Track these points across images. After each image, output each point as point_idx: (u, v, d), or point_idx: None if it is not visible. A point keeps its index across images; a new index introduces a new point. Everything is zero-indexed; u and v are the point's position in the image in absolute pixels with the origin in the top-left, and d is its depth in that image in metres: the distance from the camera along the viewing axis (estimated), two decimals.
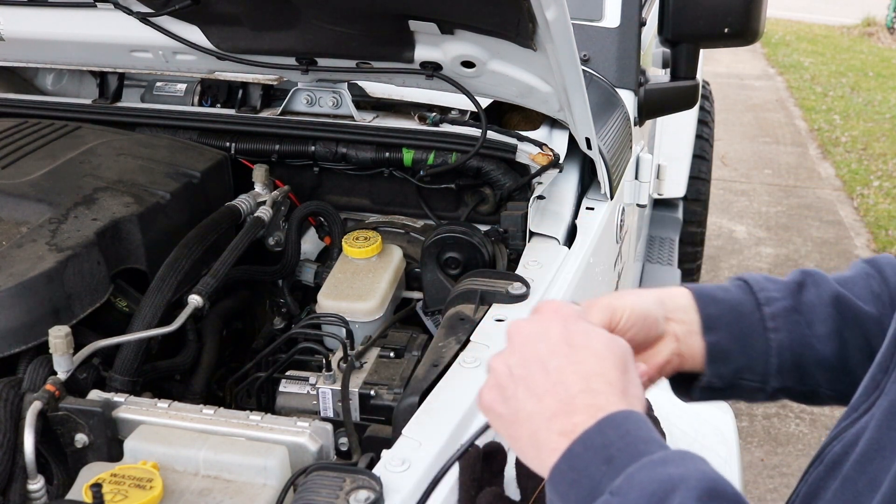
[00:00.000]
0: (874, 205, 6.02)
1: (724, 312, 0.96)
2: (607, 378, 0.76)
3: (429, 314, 1.65)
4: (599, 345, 0.79)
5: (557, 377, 0.76)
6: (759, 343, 0.96)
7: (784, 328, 0.96)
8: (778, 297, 0.97)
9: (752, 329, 0.96)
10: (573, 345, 0.78)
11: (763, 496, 3.27)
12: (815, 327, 0.96)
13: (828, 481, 0.80)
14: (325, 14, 1.48)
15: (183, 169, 1.63)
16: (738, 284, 1.00)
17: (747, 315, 0.96)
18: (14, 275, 1.24)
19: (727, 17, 1.89)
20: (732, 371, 0.97)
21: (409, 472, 0.97)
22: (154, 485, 1.00)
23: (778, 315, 0.96)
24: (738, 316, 0.96)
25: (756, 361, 0.96)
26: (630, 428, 0.73)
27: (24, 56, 1.92)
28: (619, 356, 0.79)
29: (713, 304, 0.96)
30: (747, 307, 0.97)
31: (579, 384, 0.75)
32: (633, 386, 0.78)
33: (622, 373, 0.77)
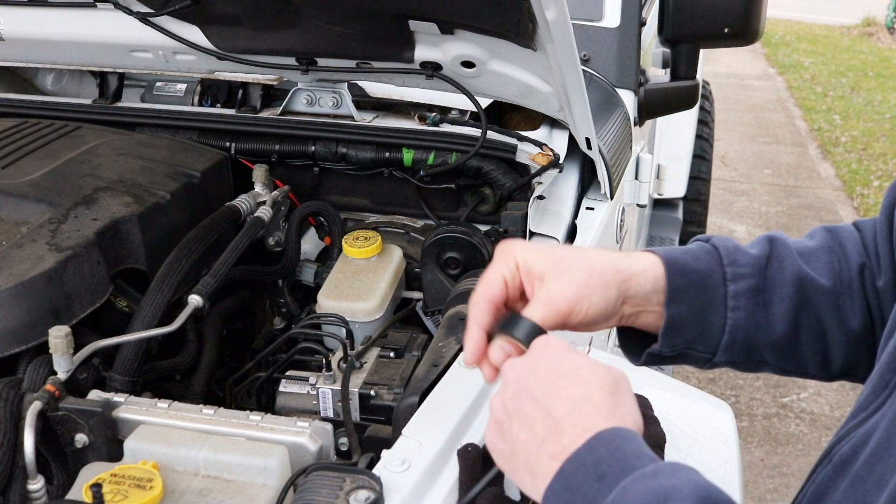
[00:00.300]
0: (874, 205, 6.02)
1: (691, 285, 0.94)
2: (593, 400, 0.77)
3: (429, 314, 1.65)
4: (586, 371, 0.80)
5: (545, 404, 0.78)
6: (716, 318, 0.95)
7: (743, 307, 0.95)
8: (744, 273, 0.95)
9: (713, 304, 0.95)
10: (560, 372, 0.80)
11: (763, 496, 3.27)
12: (772, 307, 0.95)
13: (836, 481, 0.80)
14: (325, 14, 1.48)
15: (183, 169, 1.63)
16: (707, 250, 0.98)
17: (711, 289, 0.95)
18: (14, 275, 1.24)
19: (727, 17, 1.89)
20: (684, 342, 0.96)
21: (409, 471, 0.97)
22: (154, 485, 1.00)
23: (741, 294, 0.95)
24: (703, 289, 0.94)
25: (709, 335, 0.96)
26: (620, 444, 0.74)
27: (25, 56, 1.92)
28: (606, 380, 0.80)
29: (682, 274, 0.94)
30: (713, 280, 0.95)
31: (566, 407, 0.77)
32: (623, 406, 0.79)
33: (610, 394, 0.78)
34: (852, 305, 0.96)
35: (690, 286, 0.94)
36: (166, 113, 1.87)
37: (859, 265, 0.98)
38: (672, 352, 0.97)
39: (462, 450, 0.98)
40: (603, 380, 0.80)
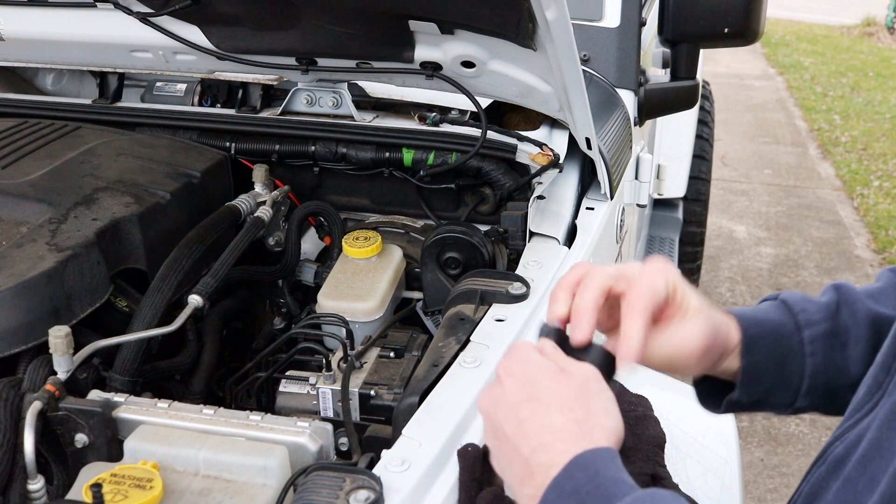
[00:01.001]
0: (874, 205, 6.02)
1: (766, 334, 0.95)
2: (551, 428, 0.78)
3: (429, 314, 1.65)
4: (542, 392, 0.80)
5: (514, 441, 0.80)
6: (795, 366, 0.96)
7: (821, 352, 0.96)
8: (817, 319, 0.96)
9: (790, 352, 0.96)
10: (519, 402, 0.81)
11: (763, 496, 3.27)
12: (849, 349, 0.96)
13: (829, 481, 0.81)
14: (325, 14, 1.48)
15: (183, 169, 1.63)
16: (775, 305, 0.99)
17: (787, 337, 0.96)
18: (14, 275, 1.24)
19: (727, 17, 1.89)
20: (763, 390, 0.97)
21: (409, 471, 0.97)
22: (154, 485, 1.00)
23: (816, 339, 0.96)
24: (778, 338, 0.96)
25: (789, 383, 0.97)
26: (599, 468, 0.74)
27: (25, 56, 1.92)
28: (565, 396, 0.79)
29: (755, 325, 0.96)
30: (787, 329, 0.96)
31: (530, 444, 0.78)
32: (589, 419, 0.78)
33: (569, 411, 0.78)
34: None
35: (765, 335, 0.95)
36: (166, 113, 1.87)
37: None
38: (750, 400, 0.97)
39: (462, 450, 0.98)
40: (561, 398, 0.79)
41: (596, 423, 0.79)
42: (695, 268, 4.31)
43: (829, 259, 5.20)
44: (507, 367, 0.85)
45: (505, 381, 0.84)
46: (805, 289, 4.82)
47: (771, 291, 4.76)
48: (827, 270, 5.06)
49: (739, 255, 5.22)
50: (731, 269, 5.03)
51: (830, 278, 4.95)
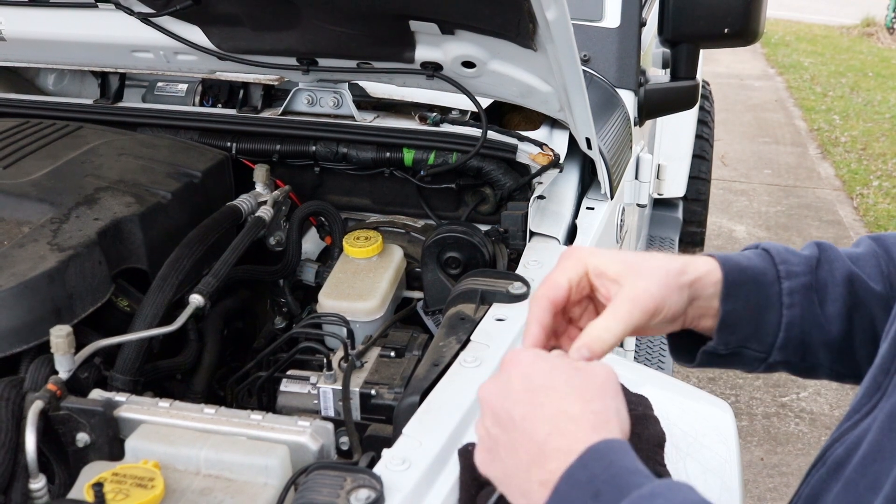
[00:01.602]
0: (874, 205, 6.03)
1: (746, 280, 0.94)
2: (570, 414, 0.76)
3: (429, 314, 1.65)
4: (559, 381, 0.79)
5: (524, 426, 0.77)
6: (772, 316, 0.95)
7: (799, 305, 0.94)
8: (797, 272, 0.95)
9: (768, 301, 0.94)
10: (534, 388, 0.79)
11: (763, 495, 3.27)
12: (826, 306, 0.95)
13: (830, 483, 0.80)
14: (325, 14, 1.49)
15: (184, 169, 1.63)
16: (758, 253, 0.98)
17: (767, 286, 0.94)
18: (16, 274, 1.24)
19: (727, 17, 1.89)
20: (739, 339, 0.95)
21: (409, 471, 0.98)
22: (155, 484, 1.01)
23: (795, 291, 0.94)
24: (758, 286, 0.94)
25: (765, 333, 0.95)
26: (614, 458, 0.72)
27: (26, 56, 1.92)
28: (583, 386, 0.78)
29: (737, 271, 0.94)
30: (768, 278, 0.95)
31: (546, 428, 0.76)
32: (606, 412, 0.77)
33: (587, 402, 0.77)
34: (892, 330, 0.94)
35: (746, 282, 0.93)
36: (167, 113, 1.87)
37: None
38: (727, 349, 0.95)
39: (463, 449, 0.99)
40: (579, 388, 0.78)
41: (612, 418, 0.77)
42: None
43: None
44: (516, 361, 0.83)
45: (513, 371, 0.81)
46: None
47: None
48: None
49: None
50: None
51: None
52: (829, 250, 0.98)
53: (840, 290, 0.95)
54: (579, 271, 0.91)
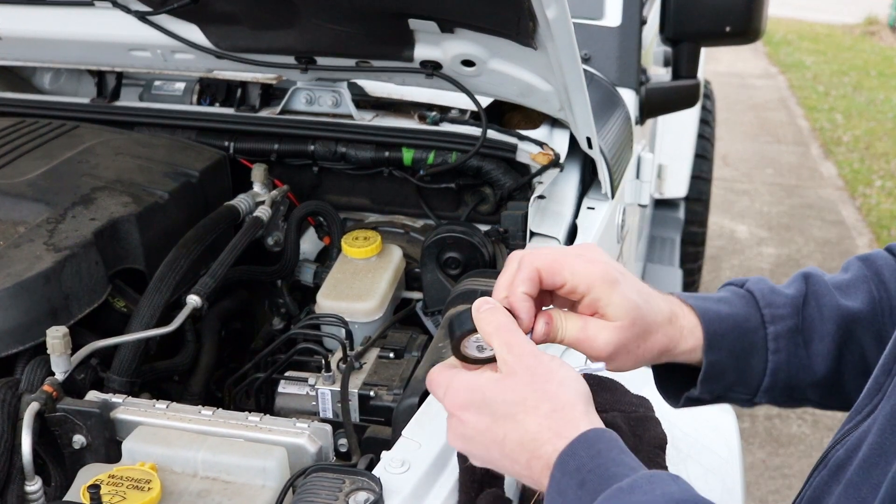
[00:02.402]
0: (876, 204, 6.01)
1: (728, 330, 0.94)
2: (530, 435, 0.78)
3: (429, 314, 1.64)
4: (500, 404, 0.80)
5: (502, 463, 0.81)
6: (757, 362, 0.95)
7: (784, 349, 0.94)
8: (783, 315, 0.95)
9: (753, 347, 0.94)
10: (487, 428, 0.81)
11: (765, 497, 3.26)
12: (813, 345, 0.95)
13: (831, 486, 0.80)
14: (324, 13, 1.48)
15: (181, 168, 1.62)
16: (741, 295, 0.97)
17: (751, 332, 0.94)
18: (12, 275, 1.24)
19: (729, 15, 1.89)
20: (724, 387, 0.96)
21: (408, 473, 0.97)
22: (152, 486, 1.00)
23: (781, 335, 0.94)
24: (742, 333, 0.94)
25: (750, 378, 0.95)
26: (601, 448, 0.75)
27: (22, 55, 1.91)
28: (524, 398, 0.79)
29: (718, 321, 0.94)
30: (752, 324, 0.94)
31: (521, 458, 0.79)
32: (558, 402, 0.79)
33: (534, 411, 0.78)
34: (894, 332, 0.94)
35: (728, 332, 0.93)
36: (165, 112, 1.86)
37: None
38: (711, 397, 0.96)
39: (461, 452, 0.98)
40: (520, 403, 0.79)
41: (564, 405, 0.78)
42: (696, 268, 4.30)
43: (831, 259, 5.19)
44: (453, 401, 0.83)
45: (460, 414, 0.82)
46: None
47: None
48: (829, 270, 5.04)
49: (741, 255, 5.22)
50: (733, 269, 5.02)
51: None
52: (817, 284, 0.97)
53: (828, 327, 0.95)
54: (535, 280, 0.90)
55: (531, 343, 0.84)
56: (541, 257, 0.90)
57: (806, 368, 0.95)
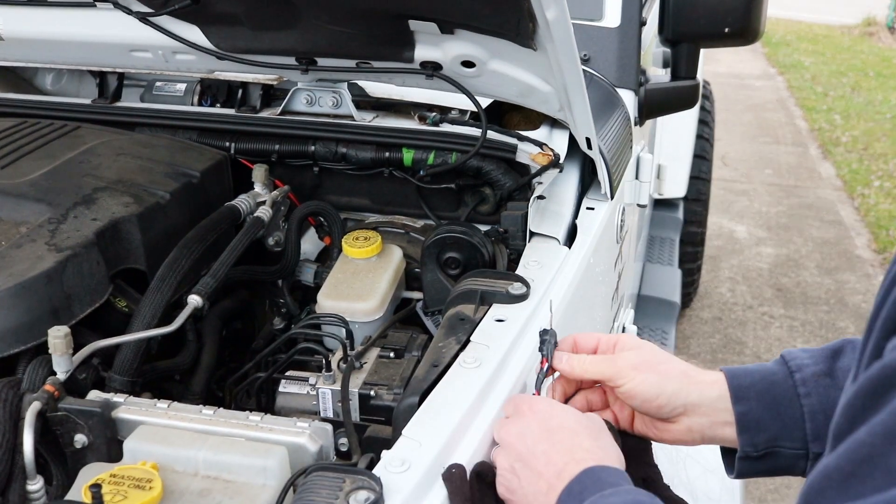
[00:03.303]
0: (875, 205, 6.02)
1: (755, 382, 0.99)
2: (583, 446, 0.93)
3: (429, 314, 1.65)
4: (572, 422, 0.96)
5: (546, 458, 0.93)
6: (792, 410, 0.97)
7: (815, 392, 0.97)
8: (809, 363, 0.99)
9: (783, 396, 0.98)
10: (551, 429, 0.95)
11: (763, 497, 3.27)
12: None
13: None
14: (324, 14, 1.48)
15: (182, 169, 1.63)
16: (774, 360, 1.04)
17: (779, 383, 0.99)
18: (13, 275, 1.24)
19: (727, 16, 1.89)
20: (767, 439, 0.99)
21: (409, 472, 0.97)
22: (153, 485, 1.00)
23: (808, 380, 0.97)
24: (769, 384, 0.99)
25: (792, 428, 0.98)
26: (602, 475, 0.87)
27: (24, 56, 1.92)
28: (590, 428, 0.96)
29: (744, 375, 1.01)
30: (779, 376, 1.00)
31: (564, 458, 0.91)
32: (608, 448, 0.95)
33: (595, 439, 0.94)
34: None
35: (754, 383, 0.99)
36: (166, 113, 1.86)
37: None
38: (757, 451, 1.00)
39: (447, 473, 0.97)
40: (587, 428, 0.96)
41: (611, 451, 0.94)
42: (695, 268, 4.31)
43: (829, 259, 5.20)
44: (533, 403, 1.00)
45: (529, 415, 0.98)
46: (805, 289, 4.82)
47: (772, 291, 4.77)
48: (827, 270, 5.06)
49: (740, 255, 5.22)
50: (732, 269, 5.03)
51: (831, 278, 4.95)
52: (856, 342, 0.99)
53: None
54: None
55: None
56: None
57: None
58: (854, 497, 0.58)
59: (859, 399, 0.62)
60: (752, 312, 4.57)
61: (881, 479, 0.57)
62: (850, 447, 0.60)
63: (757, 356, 4.12)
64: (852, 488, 0.58)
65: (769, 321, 4.49)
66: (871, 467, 0.58)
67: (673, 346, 3.18)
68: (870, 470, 0.58)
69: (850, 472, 0.59)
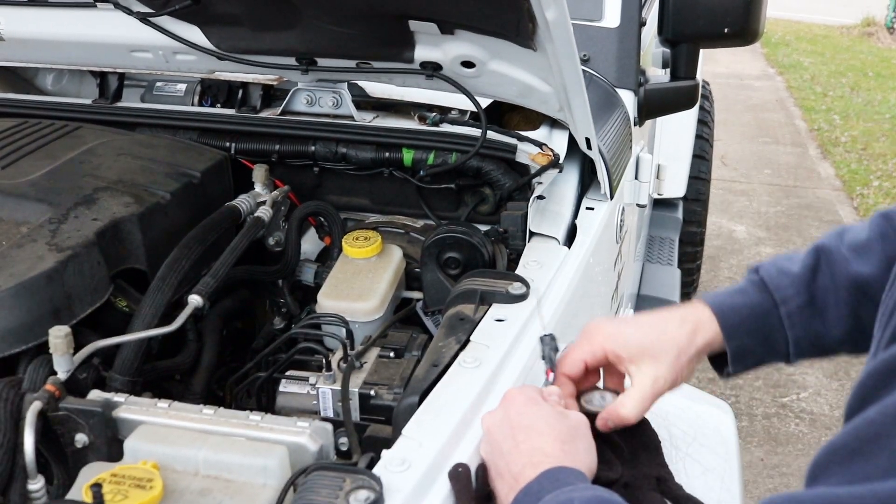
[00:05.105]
0: (874, 205, 6.02)
1: (744, 319, 1.04)
2: (544, 451, 0.92)
3: (429, 314, 1.65)
4: (542, 423, 0.95)
5: (508, 458, 0.94)
6: (778, 339, 1.04)
7: (799, 325, 1.03)
8: (792, 293, 1.03)
9: (772, 327, 1.04)
10: (519, 427, 0.96)
11: (763, 496, 3.26)
12: (828, 314, 1.02)
13: None
14: (325, 14, 1.48)
15: (183, 169, 1.63)
16: (754, 282, 1.07)
17: (766, 315, 1.04)
18: (14, 275, 1.24)
19: (727, 17, 1.89)
20: (755, 362, 1.07)
21: (409, 472, 0.97)
22: (154, 485, 1.00)
23: (793, 314, 1.03)
24: (757, 318, 1.04)
25: (777, 352, 1.06)
26: (560, 476, 0.88)
27: (25, 56, 1.92)
28: (560, 430, 0.95)
29: (732, 313, 1.05)
30: (765, 308, 1.04)
31: (522, 461, 0.92)
32: (575, 453, 0.93)
33: (561, 443, 0.93)
34: None
35: (743, 321, 1.04)
36: (166, 113, 1.87)
37: None
38: (746, 370, 1.08)
39: (453, 471, 0.98)
40: (556, 430, 0.94)
41: (578, 457, 0.93)
42: (695, 268, 4.31)
43: None
44: (513, 398, 1.00)
45: (510, 408, 0.98)
46: None
47: None
48: None
49: (739, 255, 5.22)
50: (731, 269, 5.03)
51: None
52: (829, 255, 1.04)
53: (842, 294, 1.02)
54: (597, 354, 1.08)
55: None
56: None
57: (824, 336, 1.04)
58: (859, 477, 0.57)
59: (871, 379, 0.63)
60: None
61: (886, 461, 0.57)
62: (858, 424, 0.60)
63: None
64: (857, 466, 0.58)
65: None
66: (877, 447, 0.58)
67: None
68: (876, 449, 0.58)
69: (856, 448, 0.59)
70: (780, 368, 4.03)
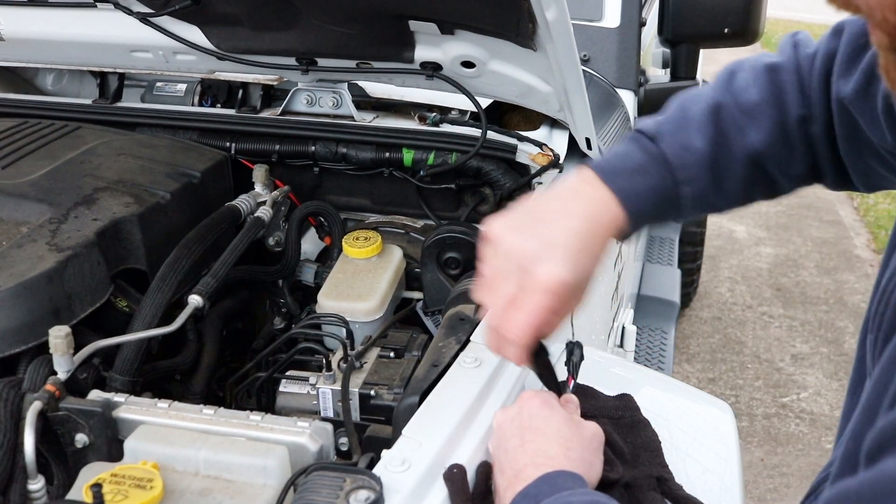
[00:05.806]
0: (874, 205, 6.02)
1: (648, 205, 1.01)
2: (547, 454, 0.93)
3: (429, 314, 1.65)
4: (551, 428, 0.96)
5: (512, 457, 0.95)
6: (671, 212, 1.04)
7: (698, 202, 1.02)
8: (696, 174, 1.00)
9: (668, 206, 1.02)
10: (527, 429, 0.97)
11: (763, 496, 3.27)
12: (723, 187, 1.02)
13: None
14: (325, 14, 1.49)
15: (183, 169, 1.63)
16: (654, 157, 1.02)
17: (665, 195, 1.01)
18: (14, 275, 1.24)
19: (727, 17, 1.89)
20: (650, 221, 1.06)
21: (409, 472, 0.97)
22: (154, 485, 1.00)
23: (696, 195, 1.01)
24: (659, 200, 1.01)
25: (664, 220, 1.07)
26: (558, 481, 0.88)
27: (25, 56, 1.92)
28: (567, 438, 0.95)
29: (637, 200, 1.00)
30: (667, 187, 1.01)
31: (524, 460, 0.93)
32: (578, 460, 0.93)
33: (565, 449, 0.94)
34: (795, 154, 1.01)
35: (647, 207, 1.01)
36: (166, 113, 1.87)
37: (799, 117, 1.00)
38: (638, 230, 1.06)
39: (448, 473, 0.98)
40: (564, 436, 0.95)
41: (583, 465, 0.94)
42: (695, 268, 4.31)
43: (828, 259, 5.20)
44: (530, 400, 1.01)
45: (524, 409, 1.00)
46: (805, 289, 4.82)
47: (771, 291, 4.77)
48: (827, 270, 5.06)
49: (739, 255, 5.23)
50: (731, 269, 5.03)
51: (830, 278, 4.96)
52: (726, 121, 1.01)
53: (738, 168, 1.01)
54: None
55: None
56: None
57: (715, 204, 1.05)
58: None
59: (892, 427, 0.60)
60: (751, 312, 4.58)
61: None
62: (874, 475, 0.58)
63: (756, 356, 4.12)
64: None
65: (768, 321, 4.49)
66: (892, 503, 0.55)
67: (672, 346, 3.18)
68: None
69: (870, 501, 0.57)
70: (780, 369, 4.03)
